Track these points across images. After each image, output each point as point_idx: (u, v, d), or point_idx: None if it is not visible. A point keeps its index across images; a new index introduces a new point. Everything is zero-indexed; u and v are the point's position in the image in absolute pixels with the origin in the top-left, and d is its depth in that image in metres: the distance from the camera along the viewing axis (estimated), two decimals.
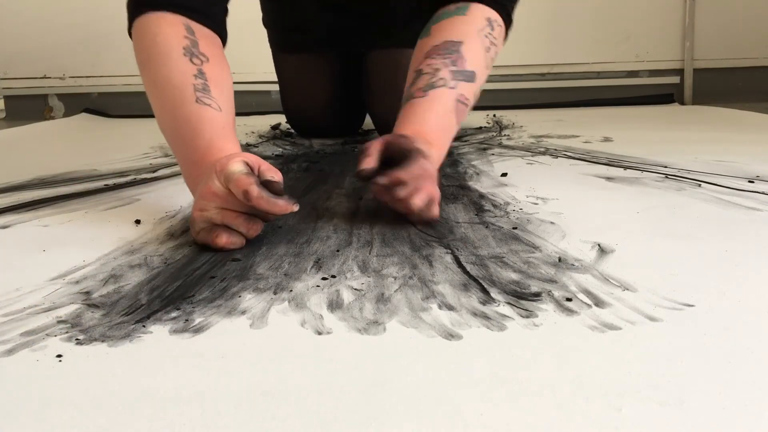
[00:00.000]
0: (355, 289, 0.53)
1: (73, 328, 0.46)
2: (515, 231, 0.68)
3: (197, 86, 0.72)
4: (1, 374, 0.40)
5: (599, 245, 0.62)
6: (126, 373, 0.40)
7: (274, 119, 1.78)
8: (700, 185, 0.87)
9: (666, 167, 0.99)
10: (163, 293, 0.53)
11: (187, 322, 0.47)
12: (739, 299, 0.49)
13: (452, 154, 1.17)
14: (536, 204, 0.79)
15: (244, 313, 0.49)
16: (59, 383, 0.39)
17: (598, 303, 0.49)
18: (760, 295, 0.49)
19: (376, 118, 1.43)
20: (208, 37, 0.79)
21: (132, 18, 0.80)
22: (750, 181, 0.88)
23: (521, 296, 0.50)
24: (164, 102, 0.74)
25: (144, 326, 0.46)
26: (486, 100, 1.80)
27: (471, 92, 0.81)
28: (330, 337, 0.44)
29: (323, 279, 0.55)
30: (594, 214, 0.74)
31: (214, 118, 0.70)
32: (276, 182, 0.62)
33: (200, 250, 0.63)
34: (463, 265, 0.57)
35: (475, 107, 0.89)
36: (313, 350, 0.43)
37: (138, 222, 0.75)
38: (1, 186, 0.99)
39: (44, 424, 0.34)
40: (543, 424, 0.33)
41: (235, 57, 0.97)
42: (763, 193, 0.81)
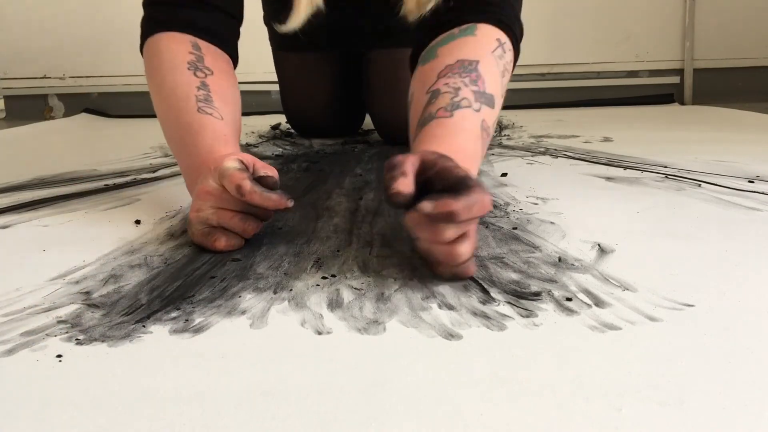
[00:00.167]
0: (355, 289, 0.53)
1: (73, 328, 0.46)
2: (515, 231, 0.68)
3: (199, 97, 0.73)
4: (1, 374, 0.40)
5: (599, 245, 0.62)
6: (126, 373, 0.40)
7: (274, 119, 1.78)
8: (700, 185, 0.87)
9: (666, 167, 0.99)
10: (163, 293, 0.53)
11: (187, 322, 0.47)
12: (739, 299, 0.49)
13: None
14: (536, 204, 0.79)
15: (244, 312, 0.49)
16: (59, 383, 0.39)
17: (598, 303, 0.49)
18: (760, 295, 0.49)
19: (375, 118, 1.43)
20: (215, 54, 0.80)
21: (144, 37, 0.82)
22: (750, 181, 0.88)
23: (521, 296, 0.50)
24: (168, 112, 0.75)
25: (144, 326, 0.46)
26: None
27: (492, 119, 0.70)
28: (330, 336, 0.44)
29: (323, 278, 0.55)
30: (594, 214, 0.74)
31: (215, 126, 0.71)
32: (270, 177, 0.62)
33: (200, 250, 0.63)
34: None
35: None
36: (313, 350, 0.43)
37: (138, 222, 0.75)
38: (1, 186, 0.99)
39: (44, 424, 0.34)
40: (543, 424, 0.33)
41: None
42: (763, 193, 0.81)
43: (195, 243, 0.64)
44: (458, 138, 0.64)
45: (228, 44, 0.84)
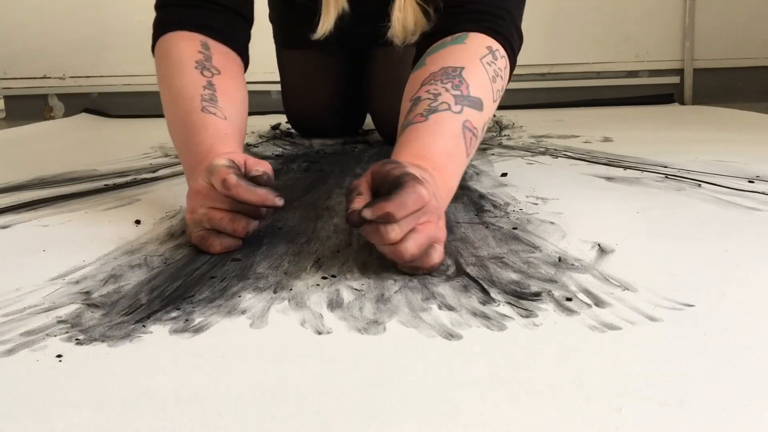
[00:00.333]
0: (355, 289, 0.53)
1: (73, 328, 0.46)
2: (515, 231, 0.68)
3: (204, 96, 0.73)
4: (1, 374, 0.40)
5: (599, 245, 0.62)
6: (126, 373, 0.40)
7: (274, 119, 1.78)
8: (700, 185, 0.87)
9: (666, 167, 0.99)
10: (163, 293, 0.53)
11: (187, 322, 0.47)
12: (739, 299, 0.49)
13: None
14: (536, 204, 0.79)
15: (244, 312, 0.49)
16: (59, 383, 0.39)
17: (598, 303, 0.49)
18: (760, 295, 0.49)
19: (376, 117, 1.43)
20: (224, 53, 0.80)
21: (155, 38, 0.82)
22: (750, 181, 0.88)
23: (521, 296, 0.50)
24: (174, 112, 0.75)
25: (144, 326, 0.46)
26: None
27: (479, 122, 0.69)
28: (330, 336, 0.44)
29: (323, 278, 0.55)
30: (594, 214, 0.74)
31: (218, 125, 0.71)
32: (261, 176, 0.62)
33: (200, 249, 0.63)
34: (464, 269, 0.57)
35: None
36: (313, 350, 0.43)
37: (138, 222, 0.75)
38: (1, 186, 0.99)
39: (44, 424, 0.34)
40: (543, 424, 0.33)
41: None
42: (763, 193, 0.81)
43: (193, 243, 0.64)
44: (431, 139, 0.65)
45: (238, 44, 0.84)
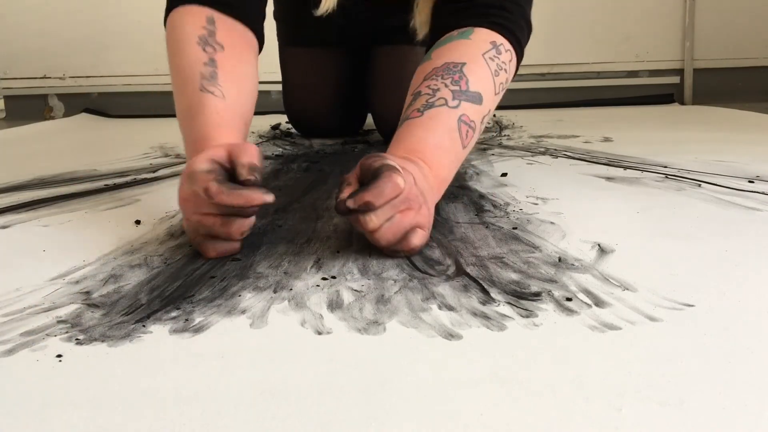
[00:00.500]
0: (355, 290, 0.53)
1: (73, 328, 0.46)
2: (515, 231, 0.68)
3: (204, 74, 0.70)
4: (1, 374, 0.40)
5: (599, 245, 0.62)
6: (126, 373, 0.40)
7: (274, 119, 1.78)
8: (700, 185, 0.87)
9: (666, 167, 0.99)
10: (163, 293, 0.53)
11: (187, 321, 0.47)
12: (739, 299, 0.49)
13: None
14: (536, 204, 0.79)
15: (244, 312, 0.49)
16: (59, 383, 0.39)
17: (598, 303, 0.49)
18: (760, 295, 0.49)
19: (376, 117, 1.43)
20: (231, 29, 0.76)
21: (167, 12, 0.79)
22: (750, 181, 0.88)
23: (521, 296, 0.50)
24: (175, 92, 0.73)
25: (144, 326, 0.47)
26: None
27: (477, 115, 0.71)
28: (330, 337, 0.44)
29: (323, 279, 0.55)
30: (594, 214, 0.74)
31: (214, 106, 0.68)
32: (247, 179, 0.58)
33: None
34: (464, 269, 0.57)
35: None
36: (313, 350, 0.43)
37: (138, 222, 0.75)
38: (1, 186, 0.99)
39: (44, 424, 0.34)
40: (543, 424, 0.33)
41: None
42: (763, 193, 0.81)
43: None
44: (424, 134, 0.68)
45: (249, 18, 0.79)
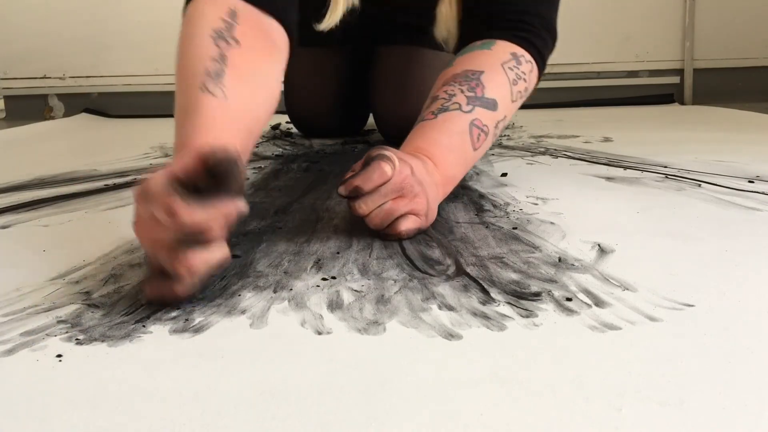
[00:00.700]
0: (355, 290, 0.53)
1: (73, 328, 0.46)
2: (515, 231, 0.68)
3: (209, 71, 0.62)
4: (1, 374, 0.40)
5: (599, 245, 0.62)
6: (126, 373, 0.40)
7: (274, 119, 1.78)
8: (700, 185, 0.87)
9: (666, 167, 0.99)
10: None
11: (187, 321, 0.47)
12: (739, 299, 0.49)
13: None
14: (536, 204, 0.79)
15: (244, 312, 0.49)
16: (59, 383, 0.39)
17: (598, 303, 0.49)
18: (760, 295, 0.49)
19: (377, 117, 1.43)
20: (256, 24, 0.69)
21: (187, 1, 0.71)
22: (750, 181, 0.88)
23: (521, 296, 0.50)
24: (177, 86, 0.65)
25: (144, 326, 0.46)
26: None
27: (491, 120, 0.75)
28: (330, 337, 0.44)
29: (323, 279, 0.55)
30: (594, 214, 0.74)
31: (209, 108, 0.59)
32: (210, 156, 0.45)
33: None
34: (464, 269, 0.57)
35: None
36: (313, 350, 0.43)
37: None
38: (1, 186, 0.99)
39: (44, 424, 0.34)
40: (543, 424, 0.33)
41: None
42: (763, 193, 0.81)
43: None
44: (435, 134, 0.72)
45: (280, 11, 0.72)
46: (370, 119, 1.53)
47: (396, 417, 0.34)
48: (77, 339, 0.45)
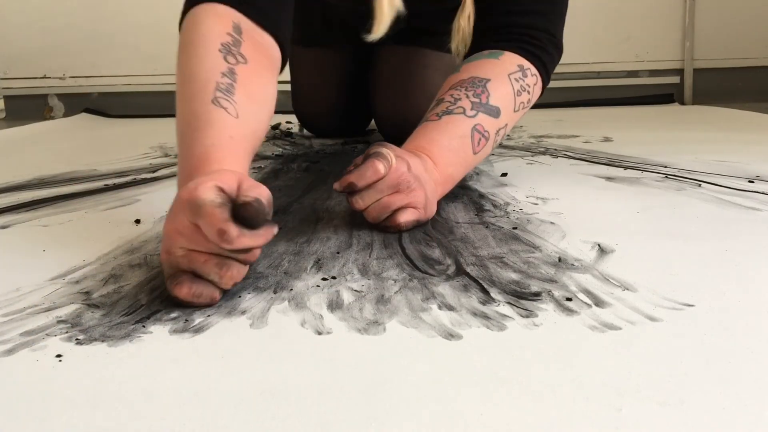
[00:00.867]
0: (355, 290, 0.53)
1: (73, 328, 0.46)
2: (515, 231, 0.68)
3: (221, 85, 0.62)
4: (1, 374, 0.40)
5: (599, 245, 0.62)
6: (126, 373, 0.40)
7: (274, 119, 1.78)
8: (700, 185, 0.87)
9: (666, 167, 0.99)
10: (164, 293, 0.53)
11: (187, 322, 0.47)
12: (739, 299, 0.49)
13: None
14: (536, 204, 0.79)
15: (244, 312, 0.49)
16: (59, 383, 0.39)
17: (598, 303, 0.49)
18: (760, 295, 0.49)
19: (378, 116, 1.43)
20: (258, 41, 0.70)
21: (186, 9, 0.71)
22: (750, 181, 0.88)
23: (521, 296, 0.50)
24: (182, 96, 0.64)
25: (144, 326, 0.46)
26: None
27: (492, 126, 0.78)
28: (330, 337, 0.44)
29: (323, 279, 0.55)
30: (594, 214, 0.74)
31: (224, 123, 0.60)
32: (251, 204, 0.48)
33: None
34: (464, 269, 0.57)
35: None
36: (313, 350, 0.43)
37: (138, 222, 0.75)
38: (1, 186, 0.99)
39: (44, 424, 0.34)
40: (543, 424, 0.33)
41: None
42: (763, 193, 0.81)
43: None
44: (437, 135, 0.75)
45: (277, 27, 0.73)
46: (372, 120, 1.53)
47: (396, 417, 0.34)
48: (77, 339, 0.45)
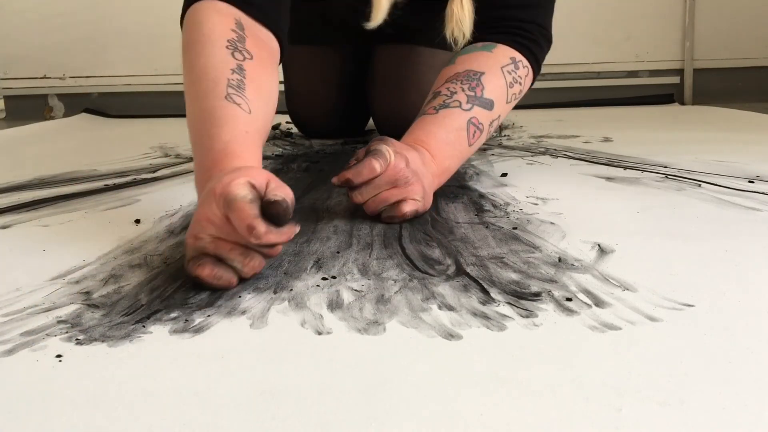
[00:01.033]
0: (355, 290, 0.53)
1: (73, 328, 0.46)
2: (515, 231, 0.68)
3: (232, 82, 0.65)
4: (1, 374, 0.40)
5: (599, 245, 0.62)
6: (126, 373, 0.40)
7: (274, 120, 1.78)
8: (700, 185, 0.87)
9: (666, 167, 0.99)
10: (164, 293, 0.53)
11: (187, 322, 0.47)
12: (739, 299, 0.49)
13: None
14: (536, 204, 0.79)
15: (244, 313, 0.49)
16: (59, 383, 0.39)
17: (598, 303, 0.49)
18: (760, 295, 0.49)
19: (375, 115, 1.43)
20: (259, 37, 0.73)
21: (186, 6, 0.74)
22: (750, 181, 0.88)
23: (521, 296, 0.50)
24: (193, 94, 0.67)
25: (144, 326, 0.47)
26: None
27: (486, 119, 0.81)
28: (330, 337, 0.44)
29: (323, 279, 0.55)
30: (594, 214, 0.74)
31: (239, 119, 0.63)
32: (279, 203, 0.52)
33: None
34: (464, 269, 0.57)
35: None
36: (313, 350, 0.43)
37: (138, 222, 0.75)
38: (1, 186, 0.99)
39: (44, 424, 0.34)
40: (543, 424, 0.33)
41: None
42: (763, 193, 0.81)
43: (187, 271, 0.54)
44: (434, 128, 0.78)
45: (276, 24, 0.76)
46: (371, 120, 1.53)
47: (396, 417, 0.34)
48: (77, 339, 0.45)
